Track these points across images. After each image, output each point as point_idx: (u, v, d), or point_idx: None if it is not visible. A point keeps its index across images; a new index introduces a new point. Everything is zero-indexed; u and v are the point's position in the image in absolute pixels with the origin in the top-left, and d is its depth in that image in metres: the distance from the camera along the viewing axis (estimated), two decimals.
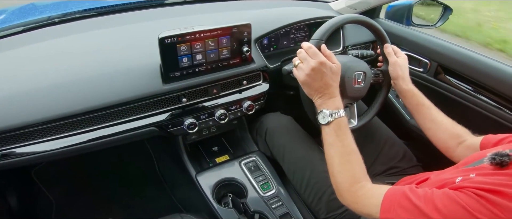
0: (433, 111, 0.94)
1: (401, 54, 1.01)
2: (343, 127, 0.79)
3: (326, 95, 0.81)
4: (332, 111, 0.79)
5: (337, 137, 0.78)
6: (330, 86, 0.81)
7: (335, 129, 0.79)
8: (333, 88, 0.81)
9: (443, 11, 1.35)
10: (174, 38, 0.84)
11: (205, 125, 1.04)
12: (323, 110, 0.80)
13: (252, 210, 1.00)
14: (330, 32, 0.89)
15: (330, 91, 0.81)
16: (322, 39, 0.87)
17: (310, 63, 0.80)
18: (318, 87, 0.81)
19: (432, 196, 0.59)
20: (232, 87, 1.04)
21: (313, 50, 0.81)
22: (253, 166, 1.12)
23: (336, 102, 0.81)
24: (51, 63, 0.89)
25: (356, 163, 0.77)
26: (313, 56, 0.80)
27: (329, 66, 0.80)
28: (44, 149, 0.83)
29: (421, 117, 0.96)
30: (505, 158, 0.59)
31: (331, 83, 0.81)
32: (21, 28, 0.99)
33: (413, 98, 0.96)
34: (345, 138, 0.79)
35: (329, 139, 0.80)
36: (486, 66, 1.04)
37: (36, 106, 0.80)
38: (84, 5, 1.10)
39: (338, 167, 0.77)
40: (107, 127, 0.88)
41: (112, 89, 0.86)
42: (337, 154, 0.78)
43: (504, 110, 1.03)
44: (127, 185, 1.55)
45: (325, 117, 0.79)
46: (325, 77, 0.80)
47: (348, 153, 0.77)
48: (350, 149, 0.78)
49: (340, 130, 0.79)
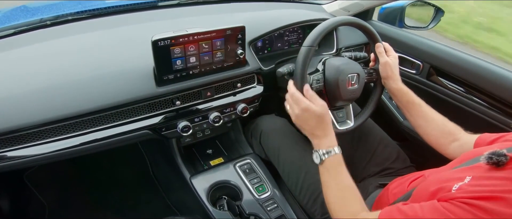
0: (424, 108, 0.95)
1: (392, 53, 1.02)
2: (336, 165, 0.80)
3: (317, 136, 0.83)
4: (325, 150, 0.81)
5: (330, 176, 0.80)
6: (319, 128, 0.82)
7: (328, 168, 0.80)
8: (323, 128, 0.83)
9: (435, 13, 1.37)
10: (167, 40, 0.84)
11: (199, 127, 1.04)
12: (317, 150, 0.82)
13: (247, 213, 1.00)
14: (321, 37, 0.90)
15: (320, 132, 0.83)
16: (313, 45, 0.88)
17: (295, 111, 0.84)
18: (309, 129, 0.84)
19: (423, 215, 0.60)
20: (226, 90, 1.04)
21: (296, 98, 0.84)
22: (248, 168, 1.12)
23: (328, 141, 0.82)
24: (43, 66, 0.88)
25: (351, 198, 0.77)
26: (296, 103, 0.84)
27: (312, 111, 0.82)
28: (36, 153, 0.82)
29: (412, 115, 0.97)
30: (502, 158, 0.59)
31: (319, 124, 0.82)
32: (12, 31, 0.98)
33: (404, 96, 0.97)
34: (339, 175, 0.80)
35: (323, 178, 0.82)
36: (478, 68, 1.06)
37: (28, 109, 0.79)
38: (76, 7, 1.09)
39: (334, 205, 0.78)
40: (100, 130, 0.87)
41: (105, 92, 0.85)
42: (332, 193, 0.79)
43: (495, 110, 1.05)
44: (121, 188, 1.53)
45: (318, 157, 0.82)
46: (310, 121, 0.82)
47: (342, 190, 0.78)
48: (344, 185, 0.79)
49: (333, 169, 0.80)
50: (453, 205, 0.57)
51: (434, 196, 0.64)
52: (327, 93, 0.99)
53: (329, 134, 0.83)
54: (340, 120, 1.03)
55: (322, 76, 0.97)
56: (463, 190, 0.60)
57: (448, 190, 0.62)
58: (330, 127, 0.84)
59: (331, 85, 0.96)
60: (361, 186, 1.05)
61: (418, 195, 0.70)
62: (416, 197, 0.71)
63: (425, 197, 0.66)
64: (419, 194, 0.70)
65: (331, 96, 0.99)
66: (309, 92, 0.85)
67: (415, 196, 0.71)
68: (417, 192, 0.71)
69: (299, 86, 0.88)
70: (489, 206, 0.54)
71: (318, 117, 0.82)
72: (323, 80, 0.97)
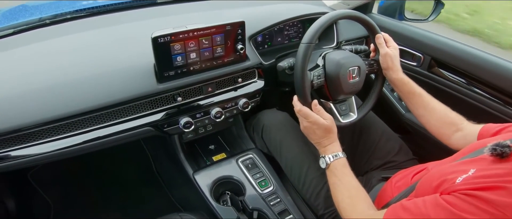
0: (425, 98, 0.95)
1: (392, 44, 1.01)
2: (342, 167, 0.87)
3: (323, 144, 0.90)
4: (330, 155, 0.88)
5: (337, 178, 0.86)
6: (325, 137, 0.90)
7: (334, 170, 0.87)
8: (329, 137, 0.90)
9: (435, 5, 1.36)
10: (167, 37, 0.84)
11: (201, 123, 1.04)
12: (324, 156, 0.89)
13: (251, 208, 1.00)
14: (319, 33, 0.91)
15: (326, 141, 0.90)
16: (311, 42, 0.90)
17: (304, 123, 0.92)
18: (316, 138, 0.91)
19: (427, 210, 0.60)
20: (227, 85, 1.04)
21: (304, 112, 0.91)
22: (250, 163, 1.12)
23: (333, 148, 0.90)
24: (44, 65, 0.88)
25: (359, 197, 0.81)
26: (305, 117, 0.91)
27: (321, 123, 0.89)
28: (39, 152, 0.82)
29: (413, 105, 0.97)
30: (505, 149, 0.59)
31: (325, 134, 0.90)
32: (11, 30, 0.98)
33: (404, 87, 0.98)
34: (346, 177, 0.85)
35: (331, 180, 0.87)
36: (478, 59, 1.05)
37: (30, 108, 0.79)
38: (75, 6, 1.09)
39: (343, 204, 0.82)
40: (103, 128, 0.88)
41: (106, 90, 0.85)
42: (341, 193, 0.83)
43: (497, 101, 1.04)
44: (125, 186, 1.54)
45: (324, 162, 0.89)
46: (318, 131, 0.90)
47: (349, 190, 0.83)
48: (351, 185, 0.83)
49: (339, 170, 0.86)
50: (455, 197, 0.58)
51: (437, 188, 0.64)
52: (329, 88, 0.98)
53: (334, 141, 0.91)
54: (343, 113, 1.03)
55: (323, 71, 0.97)
56: (467, 182, 0.60)
57: (451, 182, 0.62)
58: (335, 136, 0.92)
59: (333, 79, 0.96)
60: (364, 179, 1.05)
61: (421, 188, 0.70)
62: (419, 190, 0.71)
63: (428, 190, 0.66)
64: (423, 187, 0.70)
65: (333, 90, 0.99)
66: (317, 107, 0.92)
67: (419, 189, 0.71)
68: (421, 185, 0.71)
69: (300, 84, 0.91)
70: (490, 196, 0.55)
71: (325, 129, 0.89)
72: (324, 76, 0.97)
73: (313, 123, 0.90)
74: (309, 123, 0.90)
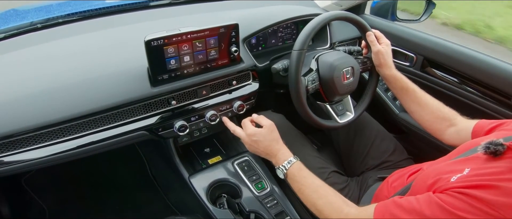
0: (418, 93, 0.96)
1: (384, 41, 1.02)
2: (299, 171, 0.85)
3: (273, 155, 0.89)
4: (284, 164, 0.87)
5: (299, 183, 0.84)
6: (270, 145, 0.89)
7: (293, 177, 0.85)
8: (274, 145, 0.90)
9: (427, 6, 1.37)
10: (160, 40, 0.83)
11: (196, 126, 1.03)
12: (278, 167, 0.88)
13: (248, 210, 1.00)
14: (310, 38, 0.92)
15: (273, 149, 0.89)
16: (303, 48, 0.90)
17: (245, 140, 0.93)
18: (263, 150, 0.91)
19: (420, 207, 0.60)
20: (221, 88, 1.03)
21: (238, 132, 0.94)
22: (246, 165, 1.12)
23: (283, 156, 0.88)
24: (36, 69, 0.87)
25: (328, 194, 0.79)
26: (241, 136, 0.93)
27: (258, 132, 0.90)
28: (33, 157, 0.81)
29: (407, 101, 0.98)
30: (499, 147, 0.59)
31: (269, 142, 0.89)
32: (2, 35, 0.97)
33: (397, 83, 0.98)
34: (306, 179, 0.83)
35: (295, 187, 0.85)
36: (470, 59, 1.07)
37: (23, 114, 0.78)
38: (67, 9, 1.08)
39: (316, 206, 0.80)
40: (97, 133, 0.87)
41: (100, 95, 0.85)
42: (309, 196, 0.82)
43: (489, 100, 1.06)
44: (120, 190, 1.53)
45: (281, 172, 0.87)
46: (260, 143, 0.90)
47: (316, 191, 0.81)
48: (316, 185, 0.82)
49: (298, 176, 0.85)
50: (448, 195, 0.58)
51: (431, 187, 0.64)
52: (324, 91, 0.99)
53: (282, 148, 0.90)
54: (340, 113, 1.03)
55: (317, 75, 0.97)
56: (461, 180, 0.60)
57: (446, 181, 0.62)
58: (280, 141, 0.91)
59: (327, 82, 0.97)
60: (360, 179, 1.06)
61: (416, 187, 0.71)
62: (414, 189, 0.71)
63: (423, 189, 0.67)
64: (418, 187, 0.70)
65: (328, 92, 0.99)
66: (254, 115, 0.95)
67: (414, 188, 0.72)
68: (416, 184, 0.72)
69: (295, 91, 0.92)
70: (482, 195, 0.55)
71: (266, 135, 0.89)
72: (319, 79, 0.97)
73: (249, 136, 0.91)
74: (247, 136, 0.91)
